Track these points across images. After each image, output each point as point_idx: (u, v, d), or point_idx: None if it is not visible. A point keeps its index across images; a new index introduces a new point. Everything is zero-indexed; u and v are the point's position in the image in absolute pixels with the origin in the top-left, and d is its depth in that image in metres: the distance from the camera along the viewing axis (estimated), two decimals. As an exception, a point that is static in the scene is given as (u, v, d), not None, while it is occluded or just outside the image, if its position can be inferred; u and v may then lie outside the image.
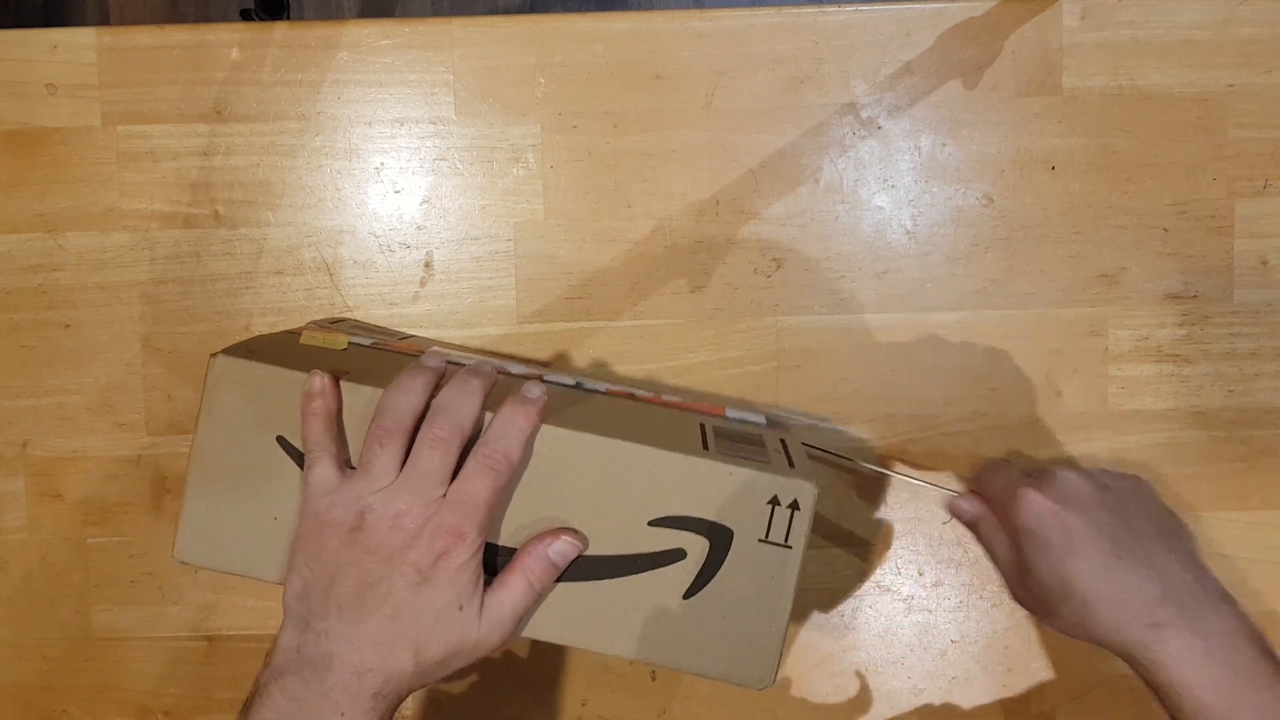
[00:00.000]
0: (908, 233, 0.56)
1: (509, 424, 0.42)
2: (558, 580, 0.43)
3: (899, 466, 0.56)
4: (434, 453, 0.41)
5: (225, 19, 1.30)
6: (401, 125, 0.55)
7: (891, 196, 0.56)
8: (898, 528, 0.57)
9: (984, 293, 0.56)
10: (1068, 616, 0.44)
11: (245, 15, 1.11)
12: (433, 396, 0.43)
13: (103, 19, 1.30)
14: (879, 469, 0.55)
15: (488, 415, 0.42)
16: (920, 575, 0.57)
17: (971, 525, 0.49)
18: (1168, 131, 0.55)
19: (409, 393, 0.42)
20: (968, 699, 0.57)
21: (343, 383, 0.44)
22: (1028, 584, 0.46)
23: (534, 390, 0.43)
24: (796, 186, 0.55)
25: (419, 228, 0.56)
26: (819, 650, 0.57)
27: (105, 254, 0.56)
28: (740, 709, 0.57)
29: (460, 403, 0.42)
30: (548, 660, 0.57)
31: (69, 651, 0.57)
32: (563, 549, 0.43)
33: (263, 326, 0.56)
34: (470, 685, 0.57)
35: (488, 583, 0.43)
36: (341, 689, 0.41)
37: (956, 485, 0.54)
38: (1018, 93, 0.55)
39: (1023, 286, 0.56)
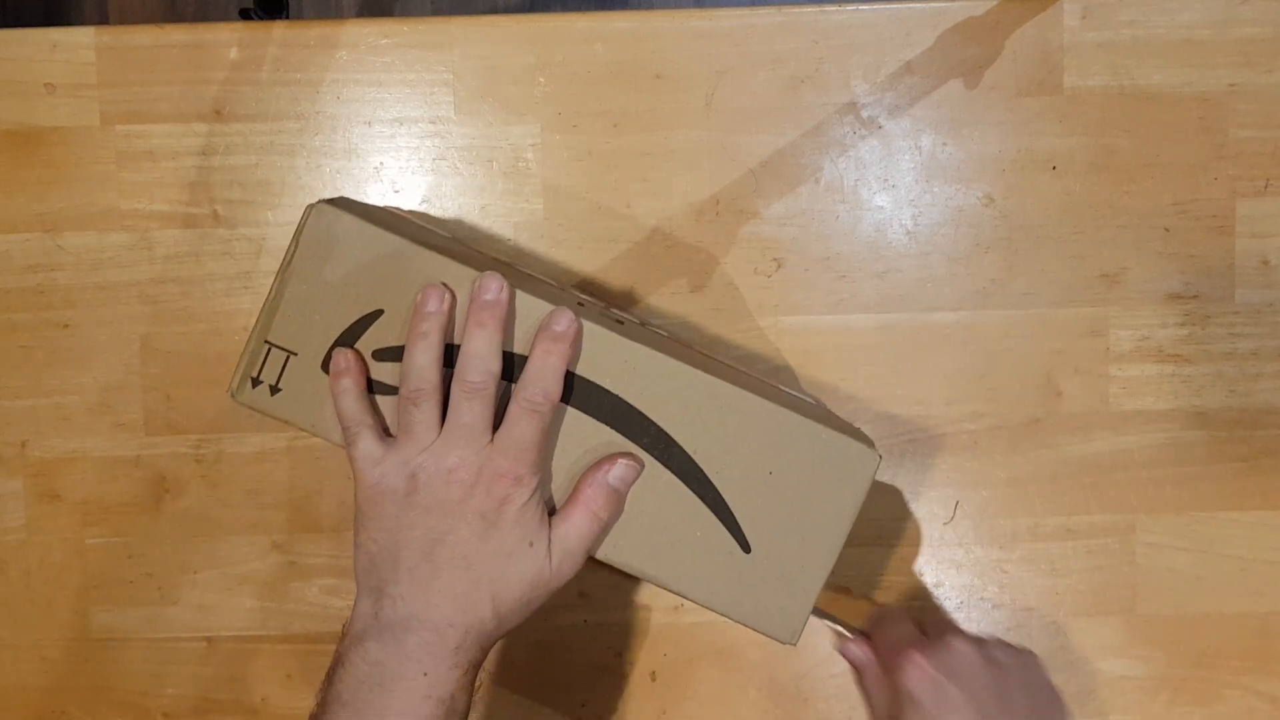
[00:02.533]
0: (908, 233, 0.56)
1: (544, 364, 0.42)
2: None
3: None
4: (472, 403, 0.42)
5: (224, 18, 1.30)
6: (401, 125, 0.55)
7: (892, 196, 0.55)
8: (895, 528, 0.57)
9: (984, 293, 0.56)
10: None
11: (244, 14, 1.11)
12: (447, 327, 0.44)
13: (102, 18, 1.30)
14: None
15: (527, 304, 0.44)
16: (920, 576, 0.57)
17: (857, 670, 0.50)
18: (1168, 131, 0.55)
19: (426, 349, 0.43)
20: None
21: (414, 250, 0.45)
22: None
23: (562, 321, 0.43)
24: (797, 186, 0.55)
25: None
26: (819, 650, 0.57)
27: (104, 254, 0.55)
28: (739, 710, 0.57)
29: (483, 348, 0.42)
30: (547, 661, 0.57)
31: (68, 652, 0.57)
32: (621, 473, 0.44)
33: (262, 326, 0.56)
34: (470, 686, 0.57)
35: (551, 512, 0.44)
36: (423, 648, 0.41)
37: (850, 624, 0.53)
38: (1018, 92, 0.55)
39: (1023, 286, 0.56)
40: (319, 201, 0.46)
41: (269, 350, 0.46)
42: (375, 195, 0.55)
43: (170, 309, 0.56)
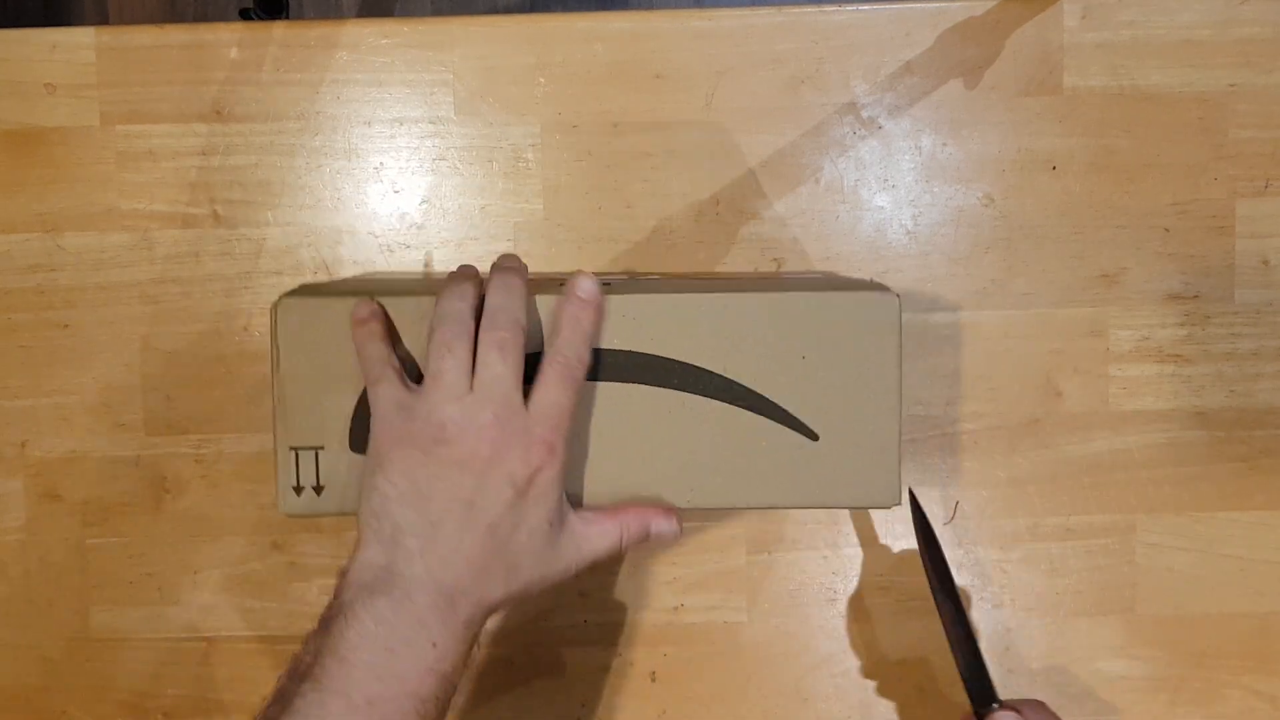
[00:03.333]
0: (908, 233, 0.56)
1: (575, 328, 0.42)
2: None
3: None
4: (503, 353, 0.40)
5: (224, 18, 1.30)
6: (401, 125, 0.55)
7: (892, 196, 0.55)
8: (898, 529, 0.57)
9: (984, 293, 0.56)
10: None
11: (244, 14, 1.11)
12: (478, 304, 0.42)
13: (102, 18, 1.30)
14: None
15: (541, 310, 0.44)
16: (921, 576, 0.57)
17: None
18: (1168, 131, 0.55)
19: (461, 297, 0.42)
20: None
21: (388, 300, 0.45)
22: None
23: (586, 286, 0.42)
24: (796, 186, 0.55)
25: (418, 228, 0.55)
26: (819, 651, 0.57)
27: (104, 254, 0.55)
28: (740, 709, 0.57)
29: (510, 301, 0.41)
30: (546, 662, 0.57)
31: (68, 652, 0.57)
32: (665, 528, 0.44)
33: (262, 326, 0.55)
34: (469, 687, 0.57)
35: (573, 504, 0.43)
36: (434, 613, 0.39)
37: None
38: (1018, 92, 0.55)
39: (1023, 286, 0.56)
40: (281, 297, 0.46)
41: (296, 455, 0.46)
42: (375, 195, 0.55)
43: (170, 309, 0.56)
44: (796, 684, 0.57)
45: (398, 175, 0.55)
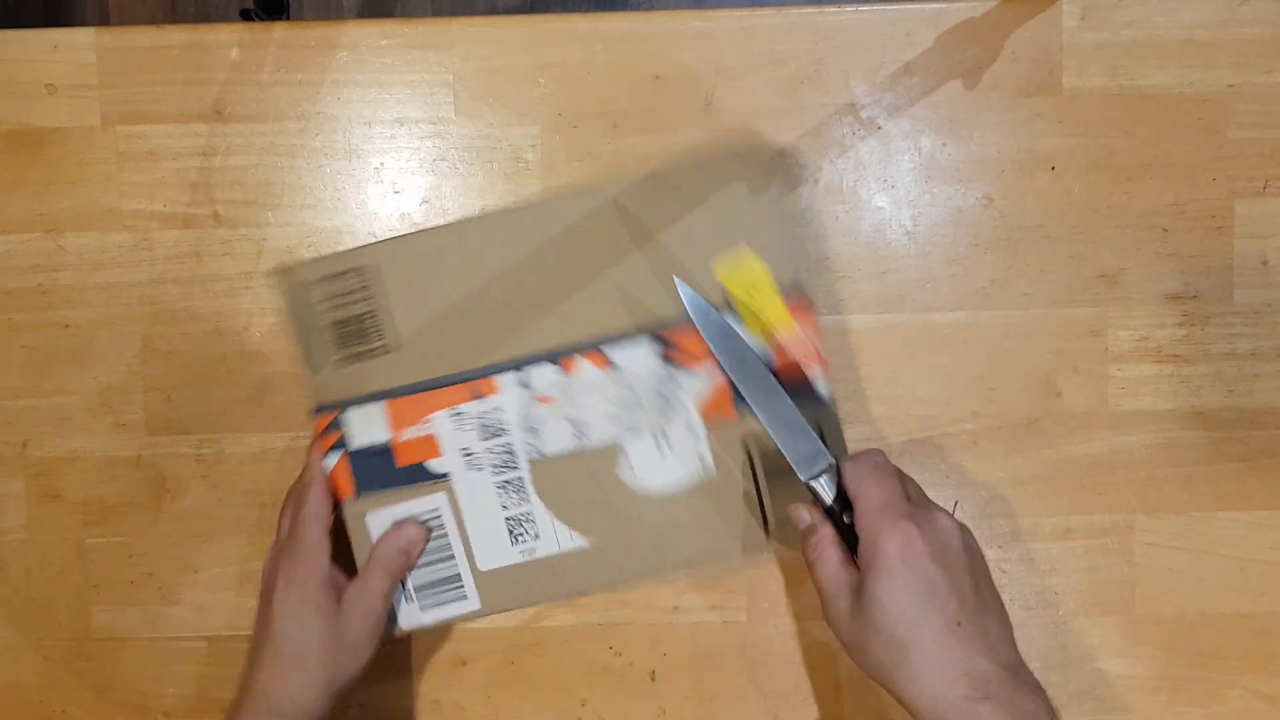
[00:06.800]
0: (908, 233, 0.56)
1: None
2: None
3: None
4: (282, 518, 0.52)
5: (225, 19, 1.30)
6: (401, 125, 0.55)
7: (891, 197, 0.56)
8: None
9: (984, 293, 0.56)
10: (884, 660, 0.44)
11: (245, 15, 1.11)
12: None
13: (102, 19, 1.30)
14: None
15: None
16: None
17: (803, 534, 0.48)
18: (1168, 131, 0.55)
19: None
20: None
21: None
22: (855, 610, 0.45)
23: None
24: (796, 186, 0.55)
25: (419, 228, 0.55)
26: (819, 651, 0.57)
27: (105, 254, 0.56)
28: (739, 710, 0.57)
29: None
30: (547, 660, 0.57)
31: (68, 652, 0.57)
32: (411, 535, 0.51)
33: (262, 327, 0.56)
34: (470, 687, 0.57)
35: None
36: None
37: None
38: (1018, 93, 0.55)
39: (1023, 286, 0.56)
40: (276, 274, 0.50)
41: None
42: (375, 195, 0.55)
43: (171, 309, 0.56)
44: (796, 684, 0.57)
45: (398, 175, 0.55)
